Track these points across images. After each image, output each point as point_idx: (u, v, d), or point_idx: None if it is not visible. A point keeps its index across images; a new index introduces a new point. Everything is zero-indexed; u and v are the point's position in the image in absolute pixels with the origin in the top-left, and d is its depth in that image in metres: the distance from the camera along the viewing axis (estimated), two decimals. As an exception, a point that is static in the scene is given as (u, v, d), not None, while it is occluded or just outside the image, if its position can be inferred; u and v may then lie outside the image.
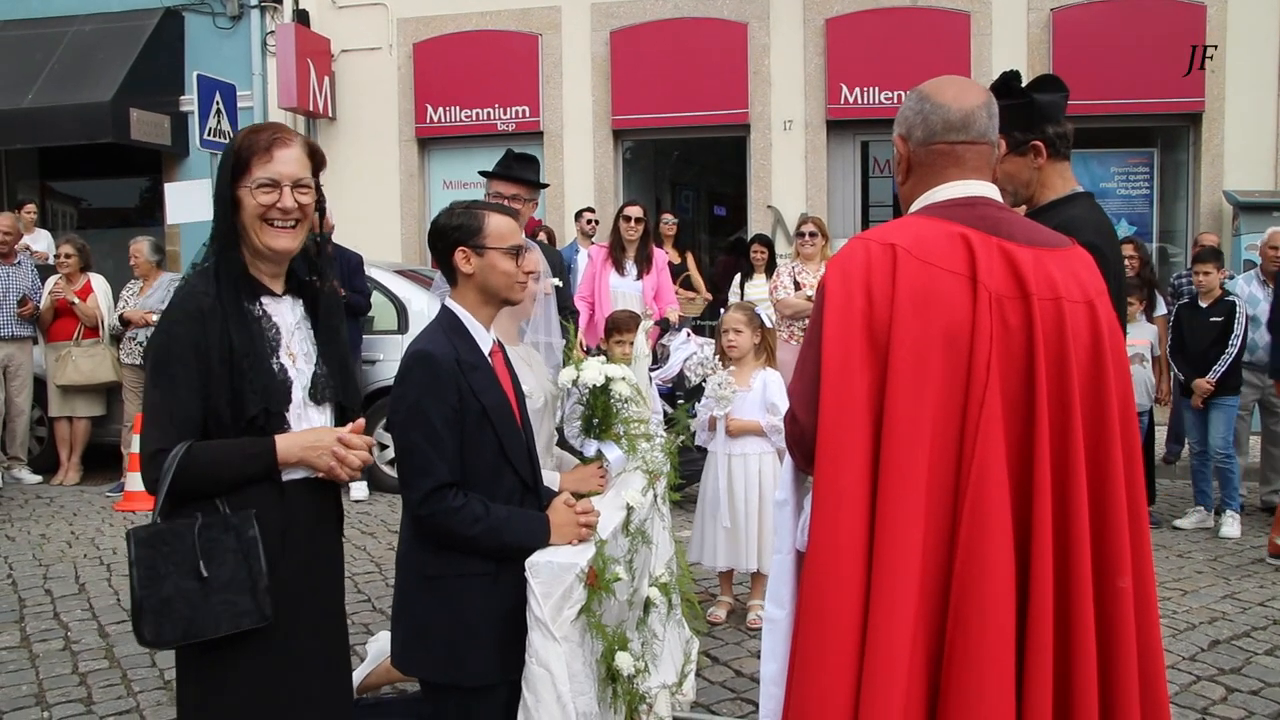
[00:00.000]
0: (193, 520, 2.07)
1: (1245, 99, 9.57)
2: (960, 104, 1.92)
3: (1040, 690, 1.70)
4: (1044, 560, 1.72)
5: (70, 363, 7.99)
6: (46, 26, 11.30)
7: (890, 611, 1.69)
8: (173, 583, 2.05)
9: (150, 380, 2.13)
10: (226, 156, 2.21)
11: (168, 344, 2.11)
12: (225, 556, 2.08)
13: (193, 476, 2.06)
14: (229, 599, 2.08)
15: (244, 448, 2.14)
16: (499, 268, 2.61)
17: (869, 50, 10.00)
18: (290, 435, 2.19)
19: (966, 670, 1.69)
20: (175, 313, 2.13)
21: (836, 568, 1.73)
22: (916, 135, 1.95)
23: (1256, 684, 4.04)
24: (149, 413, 2.13)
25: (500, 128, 10.74)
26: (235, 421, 2.13)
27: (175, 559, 2.06)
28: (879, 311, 1.76)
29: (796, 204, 10.23)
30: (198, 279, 2.18)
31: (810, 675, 1.74)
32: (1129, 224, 9.97)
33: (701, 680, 4.02)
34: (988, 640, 1.68)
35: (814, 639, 1.75)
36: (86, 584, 5.41)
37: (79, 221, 12.95)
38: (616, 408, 3.21)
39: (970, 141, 1.92)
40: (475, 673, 2.48)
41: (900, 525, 1.70)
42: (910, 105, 1.97)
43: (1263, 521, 6.72)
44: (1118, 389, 1.83)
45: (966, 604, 1.70)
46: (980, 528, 1.70)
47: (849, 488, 1.73)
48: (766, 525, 4.60)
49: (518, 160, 4.20)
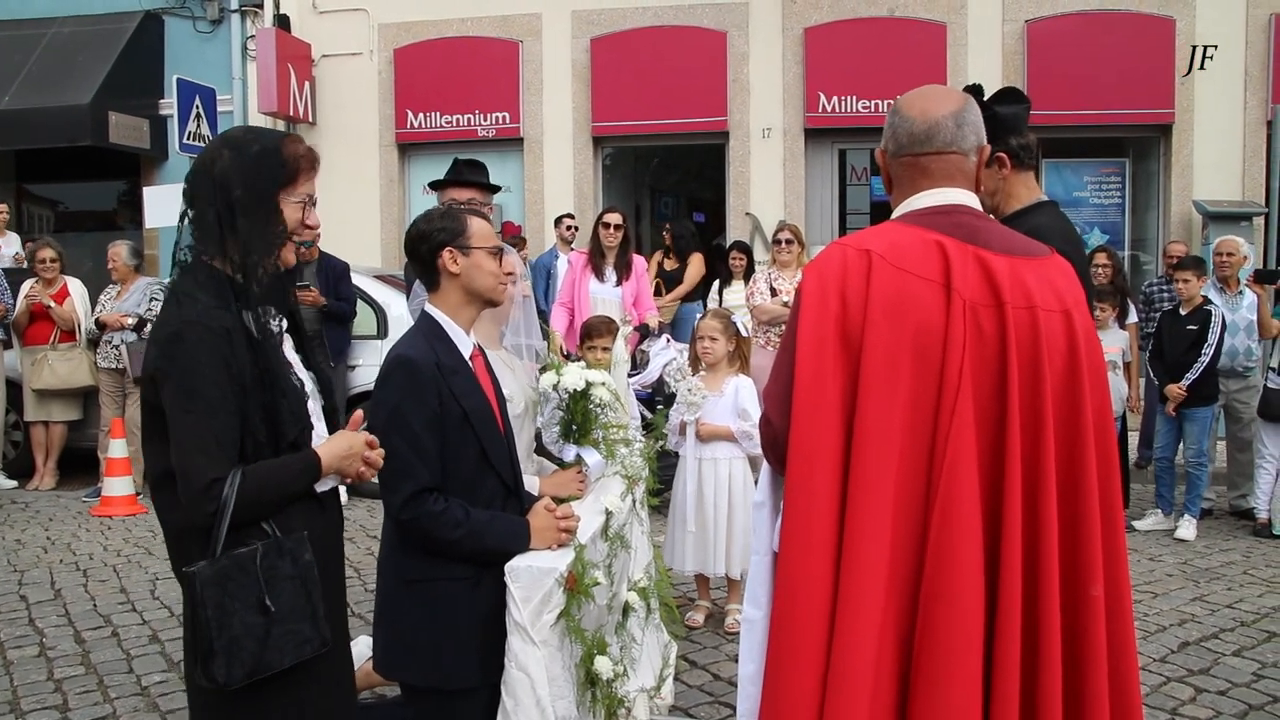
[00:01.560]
0: (253, 550, 1.97)
1: (1214, 111, 9.74)
2: (925, 116, 1.94)
3: (1007, 693, 1.72)
4: (1013, 565, 1.74)
5: (46, 367, 7.93)
6: (25, 28, 11.21)
7: (856, 612, 1.71)
8: (240, 619, 1.93)
9: (181, 403, 1.95)
10: (270, 161, 2.08)
11: (195, 366, 1.95)
12: (284, 585, 1.99)
13: (249, 504, 1.96)
14: (292, 628, 2.00)
15: (291, 466, 2.06)
16: (485, 267, 2.64)
17: (847, 60, 10.09)
18: (324, 446, 2.13)
19: (934, 673, 1.71)
20: (198, 330, 1.97)
21: (806, 568, 1.75)
22: (890, 148, 1.99)
23: (1224, 684, 4.11)
24: (191, 440, 1.95)
25: (480, 134, 10.75)
26: (272, 442, 2.04)
27: (241, 595, 1.94)
28: (852, 316, 1.78)
29: (775, 211, 10.29)
30: (200, 291, 2.03)
31: (781, 674, 1.77)
32: (1101, 232, 10.10)
33: (680, 684, 4.05)
34: (955, 643, 1.70)
35: (785, 638, 1.77)
36: (62, 590, 5.38)
37: (56, 225, 12.83)
38: (596, 413, 3.25)
39: (935, 152, 1.93)
40: (456, 676, 2.50)
41: (869, 527, 1.73)
42: (889, 119, 2.01)
43: (1231, 525, 6.83)
44: (1093, 398, 1.85)
45: (935, 607, 1.72)
46: (949, 532, 1.72)
47: (820, 489, 1.76)
48: (735, 530, 4.65)
49: (468, 166, 4.25)
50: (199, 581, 1.91)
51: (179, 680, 4.13)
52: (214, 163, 2.07)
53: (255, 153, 2.08)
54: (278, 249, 2.10)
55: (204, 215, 2.07)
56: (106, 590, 5.37)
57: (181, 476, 1.96)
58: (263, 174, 2.07)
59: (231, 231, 2.05)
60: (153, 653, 4.45)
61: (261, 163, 2.08)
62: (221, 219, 2.05)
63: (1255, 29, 9.67)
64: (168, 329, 2.00)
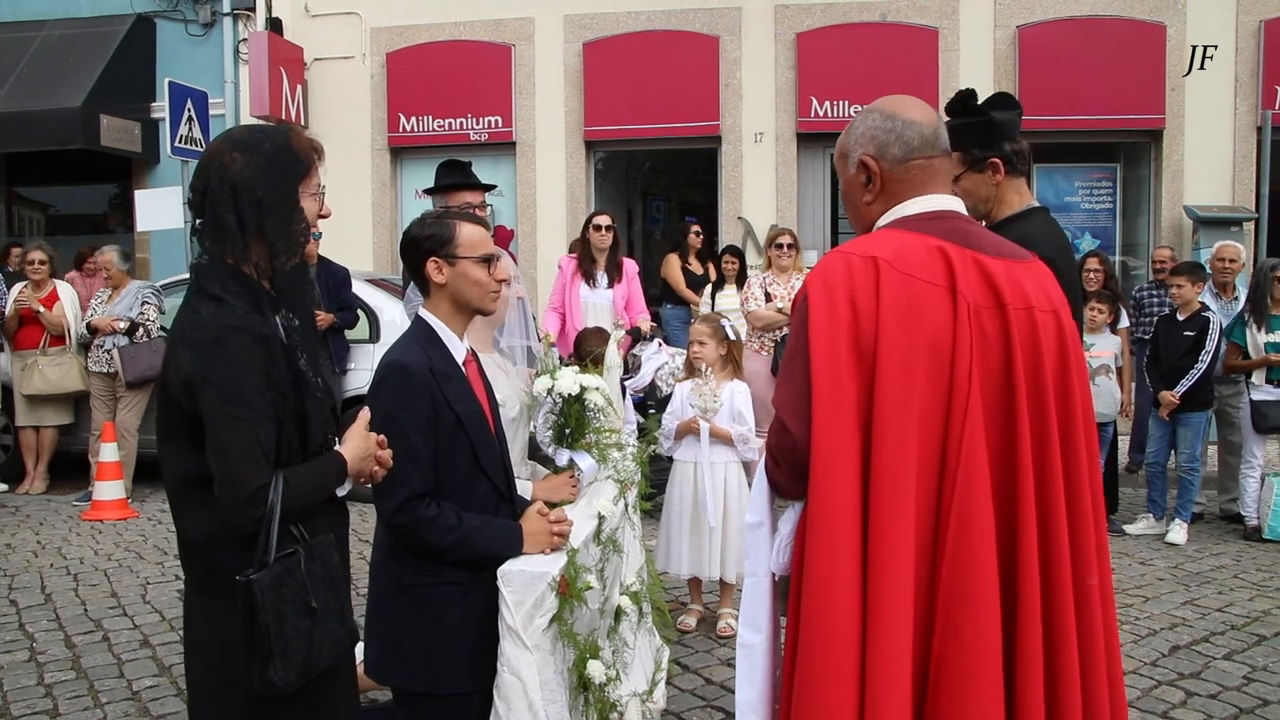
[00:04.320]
0: (297, 554, 1.99)
1: (1204, 116, 9.79)
2: (930, 120, 1.97)
3: (1032, 692, 1.73)
4: (1030, 566, 1.75)
5: (37, 372, 7.90)
6: (15, 31, 11.18)
7: (889, 622, 1.71)
8: (293, 623, 1.96)
9: (228, 410, 1.93)
10: (286, 157, 2.06)
11: (240, 373, 1.94)
12: (319, 586, 2.02)
13: (291, 508, 1.99)
14: (328, 629, 2.03)
15: (324, 469, 2.09)
16: (471, 277, 2.61)
17: (839, 64, 10.12)
18: (345, 448, 2.15)
19: (958, 677, 1.71)
20: (240, 336, 1.95)
21: (833, 580, 1.74)
22: (893, 153, 1.95)
23: (1215, 688, 4.12)
24: (238, 447, 1.94)
25: (473, 138, 10.75)
26: (304, 447, 2.06)
27: (292, 598, 1.96)
28: (864, 323, 1.78)
29: (767, 216, 10.32)
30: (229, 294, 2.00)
31: (814, 687, 1.75)
32: (1092, 237, 10.14)
33: (672, 688, 4.05)
34: (980, 645, 1.71)
35: (817, 651, 1.75)
36: (53, 594, 5.36)
37: (47, 228, 12.80)
38: (589, 417, 3.25)
39: (943, 154, 1.98)
40: (448, 681, 2.50)
41: (893, 536, 1.73)
42: (878, 125, 1.97)
43: (1222, 529, 6.86)
44: (1081, 395, 1.89)
45: (955, 611, 1.72)
46: (967, 537, 1.73)
47: (843, 499, 1.75)
48: (731, 534, 4.66)
49: (450, 169, 4.24)
50: (259, 589, 1.91)
51: (170, 685, 4.12)
52: (226, 167, 2.02)
53: (269, 151, 2.05)
54: (302, 245, 2.09)
55: (222, 221, 2.02)
56: (97, 595, 5.35)
57: (227, 483, 1.95)
58: (283, 172, 2.06)
59: (258, 234, 2.02)
60: (144, 657, 4.43)
61: (279, 160, 2.06)
62: (245, 223, 2.01)
63: (1245, 35, 9.73)
64: (206, 332, 1.96)
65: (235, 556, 1.96)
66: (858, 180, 2.01)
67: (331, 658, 2.05)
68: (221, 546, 2.01)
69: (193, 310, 2.01)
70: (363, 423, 2.22)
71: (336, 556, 2.09)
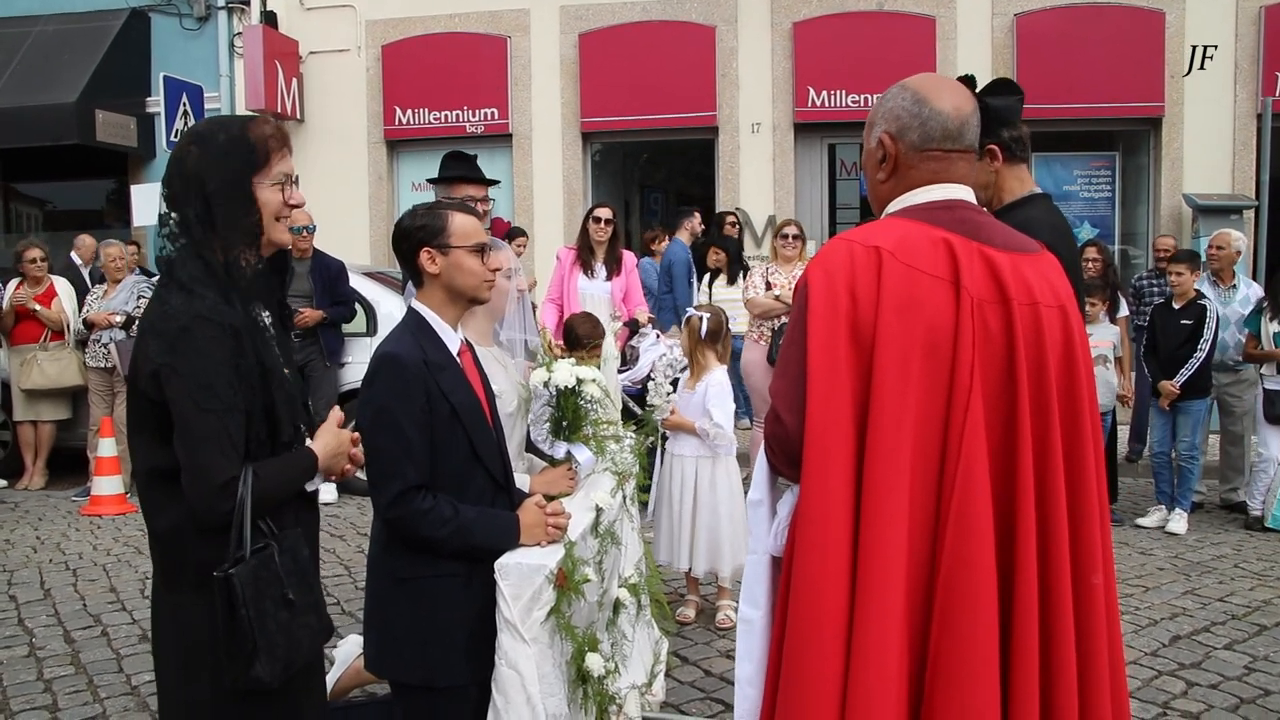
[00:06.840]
0: (268, 547, 1.98)
1: (1204, 104, 9.76)
2: (959, 113, 1.89)
3: (1027, 687, 1.72)
4: (1028, 562, 1.74)
5: (35, 367, 7.90)
6: (9, 26, 11.14)
7: (879, 612, 1.70)
8: (272, 617, 1.95)
9: (196, 400, 1.92)
10: (238, 148, 2.03)
11: (208, 363, 1.93)
12: (293, 579, 2.01)
13: (260, 501, 1.97)
14: (305, 621, 2.03)
15: (296, 463, 2.09)
16: (464, 266, 2.60)
17: (836, 54, 10.09)
18: (316, 444, 2.15)
19: (953, 667, 1.70)
20: (209, 327, 1.94)
21: (824, 570, 1.73)
22: (911, 138, 1.89)
23: (1215, 678, 4.12)
24: (206, 438, 1.93)
25: (469, 130, 10.73)
26: (271, 440, 2.05)
27: (270, 592, 1.96)
28: (863, 313, 1.76)
29: (764, 206, 10.30)
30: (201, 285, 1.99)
31: (799, 674, 1.75)
32: (1091, 226, 10.13)
33: (671, 680, 4.05)
34: (977, 640, 1.70)
35: (803, 638, 1.75)
36: (52, 589, 5.35)
37: (43, 224, 12.77)
38: (586, 409, 3.23)
39: (963, 150, 1.90)
40: (446, 674, 2.49)
41: (885, 527, 1.71)
42: (904, 105, 1.90)
43: (1222, 519, 6.85)
44: (1087, 392, 1.86)
45: (952, 605, 1.71)
46: (965, 532, 1.71)
47: (835, 490, 1.74)
48: (700, 528, 4.70)
49: (457, 160, 4.22)
50: (240, 583, 1.90)
51: (168, 680, 4.11)
52: (184, 160, 2.03)
53: (222, 142, 2.04)
54: (258, 237, 2.06)
55: (184, 214, 2.03)
56: (96, 590, 5.34)
57: (195, 474, 1.93)
58: (233, 162, 2.03)
59: (210, 227, 2.01)
60: (143, 652, 4.42)
61: (230, 151, 2.03)
62: (199, 216, 2.01)
63: (1245, 22, 9.70)
64: (175, 322, 1.94)
65: (202, 551, 1.95)
66: (875, 155, 1.97)
67: (311, 650, 2.05)
68: (188, 540, 2.00)
69: (162, 301, 2.01)
70: (335, 420, 2.22)
71: (307, 550, 2.09)
